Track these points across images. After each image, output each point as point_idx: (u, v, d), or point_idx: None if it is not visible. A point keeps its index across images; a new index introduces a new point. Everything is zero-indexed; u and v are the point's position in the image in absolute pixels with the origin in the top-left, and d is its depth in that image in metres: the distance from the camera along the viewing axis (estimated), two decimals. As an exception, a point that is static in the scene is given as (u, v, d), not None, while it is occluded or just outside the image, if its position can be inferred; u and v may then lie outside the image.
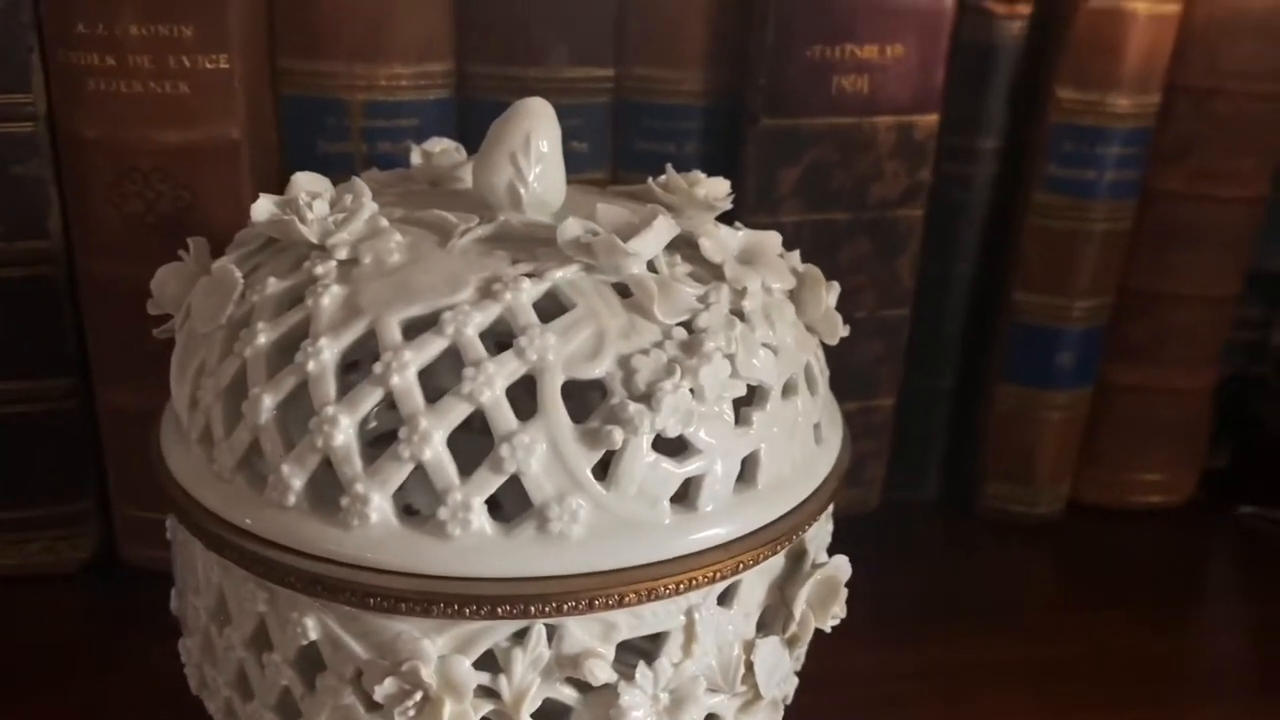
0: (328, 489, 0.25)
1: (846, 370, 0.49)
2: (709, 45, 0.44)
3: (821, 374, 0.30)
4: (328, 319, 0.26)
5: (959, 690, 0.42)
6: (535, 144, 0.29)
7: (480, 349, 0.25)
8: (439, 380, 0.26)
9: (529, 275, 0.26)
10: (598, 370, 0.25)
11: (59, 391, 0.42)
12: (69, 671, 0.40)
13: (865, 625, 0.45)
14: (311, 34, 0.40)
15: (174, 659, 0.31)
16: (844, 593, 0.29)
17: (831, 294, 0.31)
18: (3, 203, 0.39)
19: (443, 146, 0.34)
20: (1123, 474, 0.53)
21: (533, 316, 0.25)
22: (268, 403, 0.25)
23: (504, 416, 0.24)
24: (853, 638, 0.44)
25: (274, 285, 0.27)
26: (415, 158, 0.33)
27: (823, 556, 0.29)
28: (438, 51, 0.42)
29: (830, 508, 0.30)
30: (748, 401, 0.27)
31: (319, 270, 0.27)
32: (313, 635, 0.25)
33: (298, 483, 0.25)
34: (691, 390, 0.25)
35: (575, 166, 0.44)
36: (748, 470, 0.27)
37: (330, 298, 0.26)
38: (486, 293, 0.26)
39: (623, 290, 0.27)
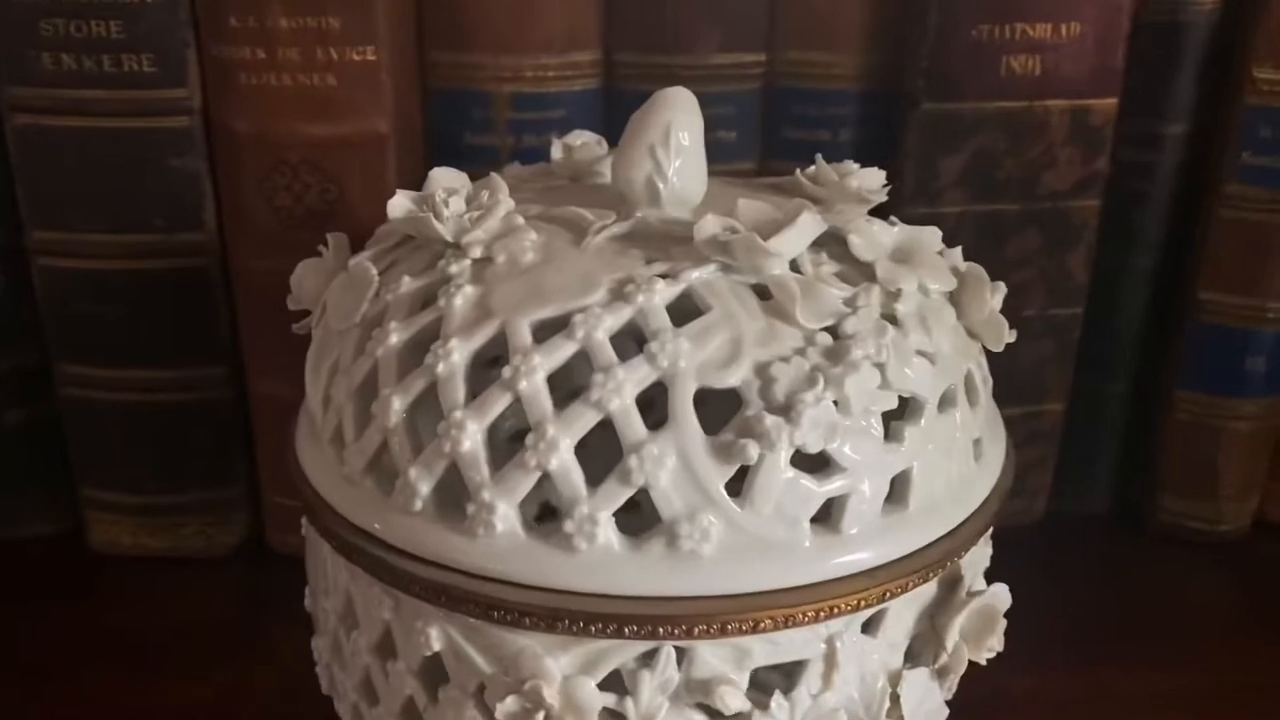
0: (457, 494, 0.24)
1: (1012, 373, 0.46)
2: (866, 26, 0.42)
3: (984, 383, 0.28)
4: (459, 320, 0.25)
5: (1125, 720, 0.39)
6: (675, 136, 0.27)
7: (610, 354, 0.24)
8: (579, 380, 0.24)
9: (663, 276, 0.25)
10: (733, 378, 0.23)
11: (213, 380, 0.43)
12: (216, 653, 0.41)
13: (1022, 647, 0.42)
14: (457, 25, 0.40)
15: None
16: (1002, 624, 0.27)
17: (997, 295, 0.28)
18: (161, 195, 0.40)
19: (583, 140, 0.33)
20: (1320, 491, 0.48)
21: (665, 320, 0.24)
22: (397, 404, 0.24)
23: (633, 426, 0.23)
24: (1008, 661, 0.42)
25: (408, 284, 0.26)
26: (556, 151, 0.32)
27: (980, 583, 0.27)
28: (584, 40, 0.41)
29: (989, 530, 0.28)
30: (899, 415, 0.25)
31: (453, 269, 0.26)
32: (436, 646, 0.25)
33: (425, 488, 0.24)
34: (836, 402, 0.23)
35: (723, 157, 0.43)
36: (898, 490, 0.25)
37: (463, 298, 0.25)
38: (619, 294, 0.24)
39: (763, 292, 0.25)
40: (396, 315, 0.26)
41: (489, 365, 0.25)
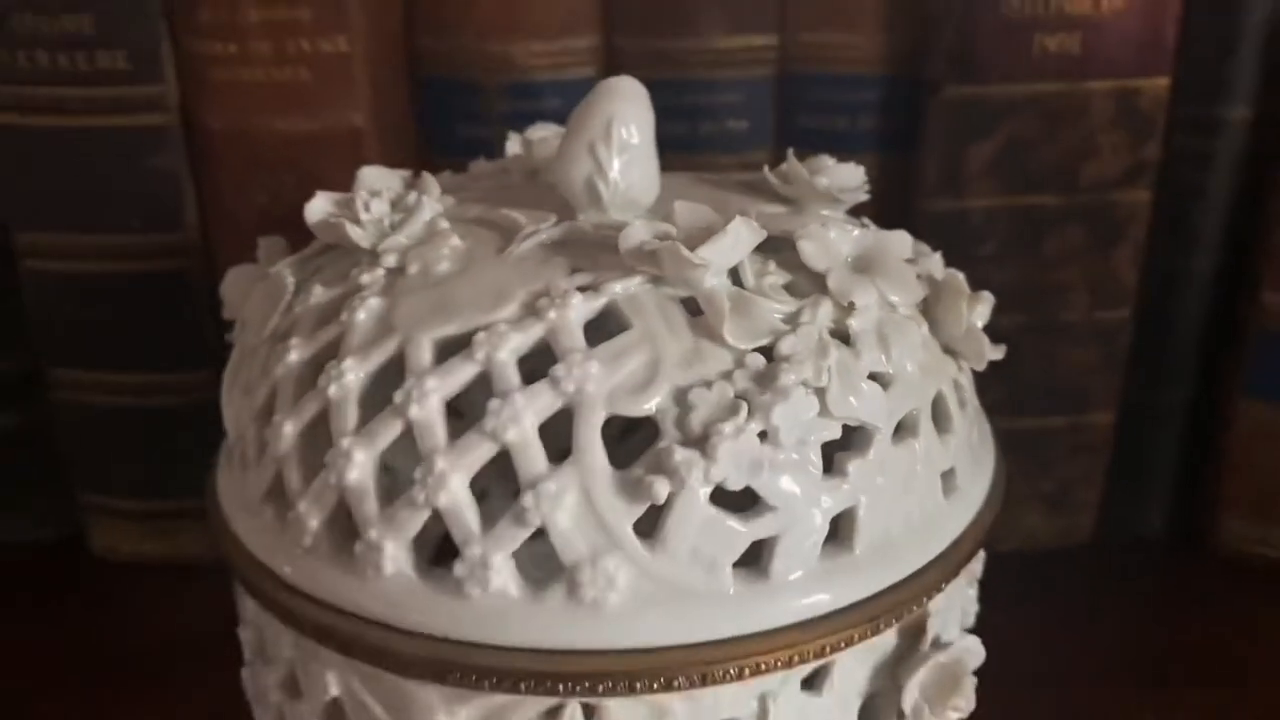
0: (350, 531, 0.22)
1: (1053, 381, 0.43)
2: (885, 5, 0.39)
3: (960, 407, 0.25)
4: (359, 337, 0.23)
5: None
6: (618, 132, 0.25)
7: (511, 378, 0.21)
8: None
9: (584, 289, 0.22)
10: (647, 405, 0.21)
11: (199, 384, 0.41)
12: (212, 660, 0.40)
13: (1060, 677, 0.39)
14: (446, 10, 0.38)
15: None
16: (971, 681, 0.24)
17: (979, 307, 0.25)
18: (139, 195, 0.39)
19: (544, 134, 0.30)
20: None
21: (578, 339, 0.21)
22: (289, 430, 0.22)
23: (530, 459, 0.21)
24: (1046, 690, 0.38)
25: (319, 295, 0.24)
26: (513, 146, 0.30)
27: (952, 634, 0.24)
28: (581, 24, 0.39)
29: (966, 575, 0.24)
30: (845, 446, 0.22)
31: (364, 279, 0.24)
32: (334, 691, 0.22)
33: (314, 522, 0.22)
34: (764, 433, 0.21)
35: (734, 147, 0.41)
36: (841, 531, 0.22)
37: (366, 312, 0.23)
38: (531, 309, 0.22)
39: (695, 307, 0.22)
40: (301, 330, 0.24)
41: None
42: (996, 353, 0.25)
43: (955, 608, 0.25)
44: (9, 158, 0.39)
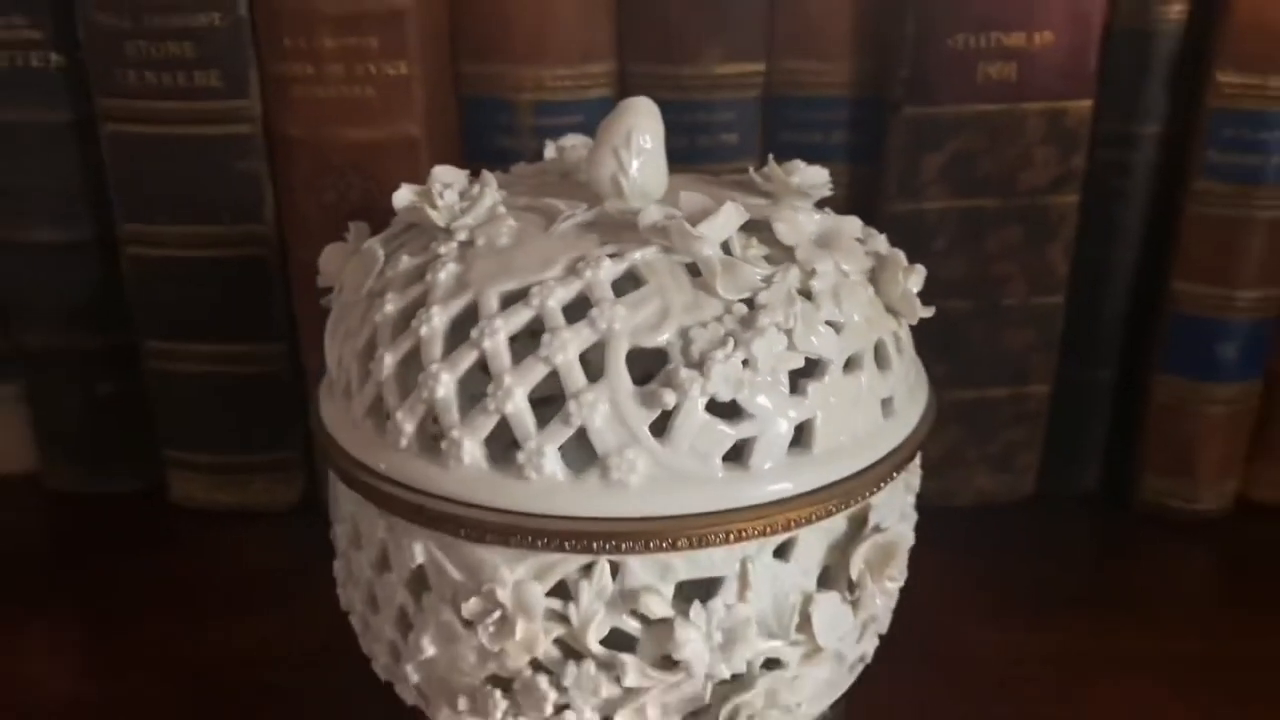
0: (435, 434, 0.29)
1: (996, 357, 0.50)
2: (854, 37, 0.46)
3: (899, 352, 0.32)
4: (441, 291, 0.30)
5: (1076, 678, 0.42)
6: (636, 140, 0.32)
7: (559, 319, 0.29)
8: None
9: (611, 256, 0.30)
10: (659, 339, 0.28)
11: (271, 356, 0.49)
12: (275, 596, 0.47)
13: (996, 608, 0.46)
14: (484, 40, 0.45)
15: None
16: (903, 557, 0.31)
17: (913, 277, 0.32)
18: (227, 193, 0.46)
19: (574, 142, 0.38)
20: (1301, 474, 0.51)
21: (608, 291, 0.29)
22: (389, 361, 0.30)
23: (574, 377, 0.28)
24: (981, 620, 0.45)
25: (405, 262, 0.32)
26: (549, 152, 0.38)
27: (890, 524, 0.31)
28: (599, 53, 0.46)
29: (903, 482, 0.32)
30: (812, 374, 0.29)
31: (441, 250, 0.31)
32: (419, 559, 0.30)
33: (409, 428, 0.29)
34: (745, 361, 0.28)
35: (725, 157, 0.48)
36: (803, 436, 0.29)
37: (445, 273, 0.30)
38: (572, 270, 0.29)
39: (695, 270, 0.30)
40: (394, 288, 0.31)
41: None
42: (926, 312, 0.32)
43: (894, 506, 0.32)
44: (121, 160, 0.46)
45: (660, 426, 0.28)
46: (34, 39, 0.45)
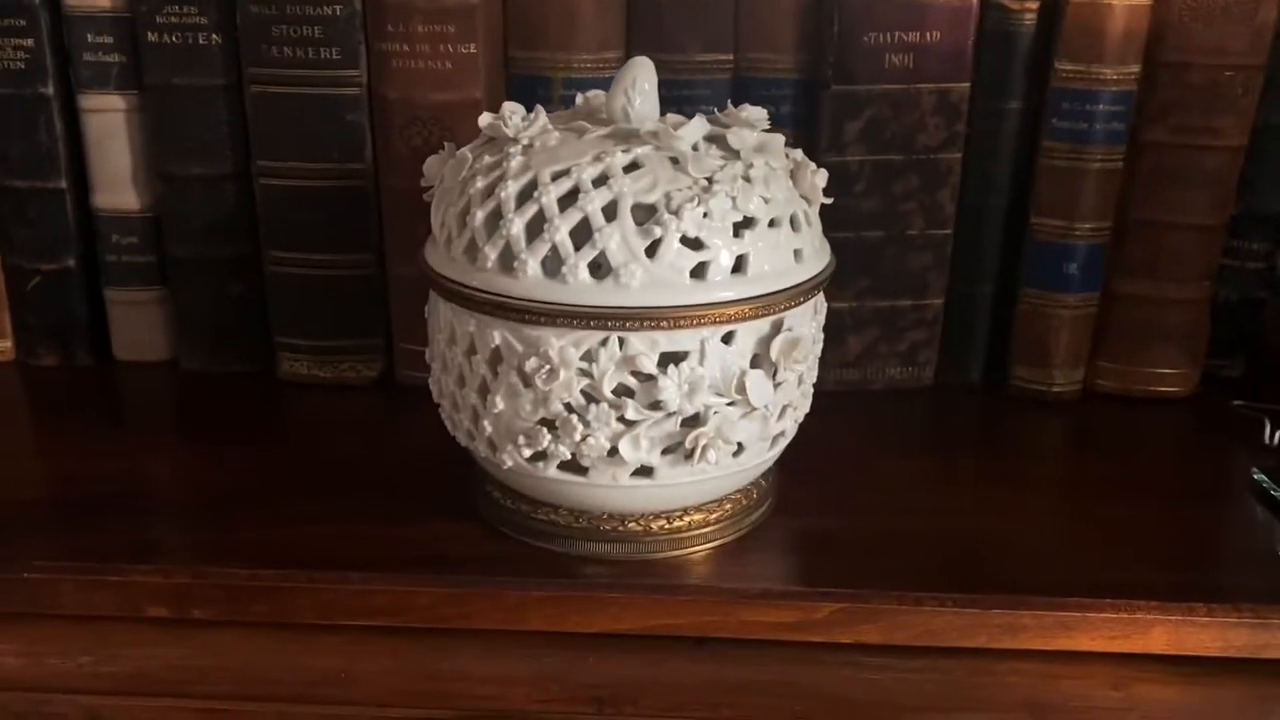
0: (508, 257, 0.46)
1: (901, 276, 0.66)
2: (797, 35, 0.62)
3: (809, 223, 0.49)
4: (513, 170, 0.47)
5: (955, 488, 0.58)
6: (640, 83, 0.49)
7: (590, 186, 0.46)
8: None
9: (622, 150, 0.47)
10: (651, 199, 0.45)
11: (364, 263, 0.65)
12: (365, 449, 0.62)
13: (901, 449, 0.62)
14: (528, 32, 0.62)
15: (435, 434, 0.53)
16: (805, 349, 0.48)
17: (818, 175, 0.49)
18: (338, 139, 0.63)
19: (595, 94, 0.55)
20: (1131, 367, 0.67)
21: (619, 170, 0.46)
22: (480, 215, 0.47)
23: (598, 220, 0.45)
24: (887, 454, 0.61)
25: (487, 160, 0.49)
26: (579, 100, 0.55)
27: (798, 329, 0.48)
28: (612, 43, 0.63)
29: (813, 304, 0.49)
30: (747, 226, 0.46)
31: (511, 150, 0.48)
32: (496, 341, 0.46)
33: (492, 256, 0.46)
34: (705, 213, 0.45)
35: (702, 122, 0.65)
36: (741, 264, 0.46)
37: (515, 162, 0.47)
38: (597, 159, 0.46)
39: (676, 160, 0.47)
40: (481, 174, 0.48)
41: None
42: (826, 199, 0.49)
43: (804, 323, 0.48)
44: (261, 113, 0.63)
45: (652, 250, 0.45)
46: (202, 23, 0.62)
